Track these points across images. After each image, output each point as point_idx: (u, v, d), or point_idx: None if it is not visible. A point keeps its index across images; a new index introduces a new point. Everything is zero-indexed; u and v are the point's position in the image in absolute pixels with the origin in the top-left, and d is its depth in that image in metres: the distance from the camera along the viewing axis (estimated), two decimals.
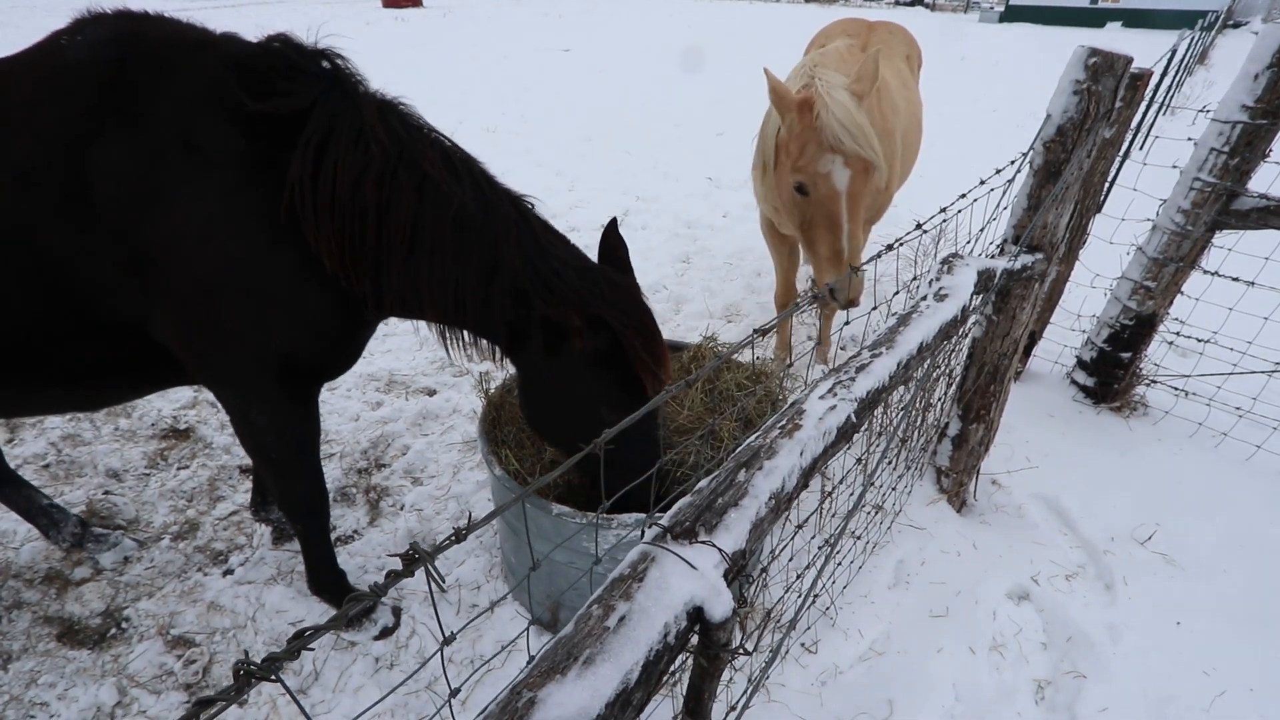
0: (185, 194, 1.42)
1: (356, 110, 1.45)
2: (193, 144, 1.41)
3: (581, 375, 1.59)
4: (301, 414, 1.81)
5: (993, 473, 2.73)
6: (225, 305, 1.51)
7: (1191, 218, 2.70)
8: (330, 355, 1.74)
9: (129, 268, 1.45)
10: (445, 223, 1.48)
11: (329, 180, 1.43)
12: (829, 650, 2.05)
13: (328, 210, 1.44)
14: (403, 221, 1.47)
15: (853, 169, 2.19)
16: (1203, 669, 2.02)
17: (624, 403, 1.60)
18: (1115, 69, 1.85)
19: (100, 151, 1.38)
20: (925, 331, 1.28)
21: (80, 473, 2.72)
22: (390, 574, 0.56)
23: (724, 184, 6.49)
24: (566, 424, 1.72)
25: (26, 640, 2.08)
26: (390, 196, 1.46)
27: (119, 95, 1.40)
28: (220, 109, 1.42)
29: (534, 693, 0.65)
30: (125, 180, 1.39)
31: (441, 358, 3.61)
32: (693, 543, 0.80)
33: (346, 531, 2.53)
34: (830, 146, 2.15)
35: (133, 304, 1.51)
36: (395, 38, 15.12)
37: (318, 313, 1.62)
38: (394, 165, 1.45)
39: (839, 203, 2.23)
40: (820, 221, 2.30)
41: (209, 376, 1.69)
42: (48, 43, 1.47)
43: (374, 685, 1.99)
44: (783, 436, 0.95)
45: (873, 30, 3.53)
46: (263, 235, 1.48)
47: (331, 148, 1.42)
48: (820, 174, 2.20)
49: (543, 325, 1.52)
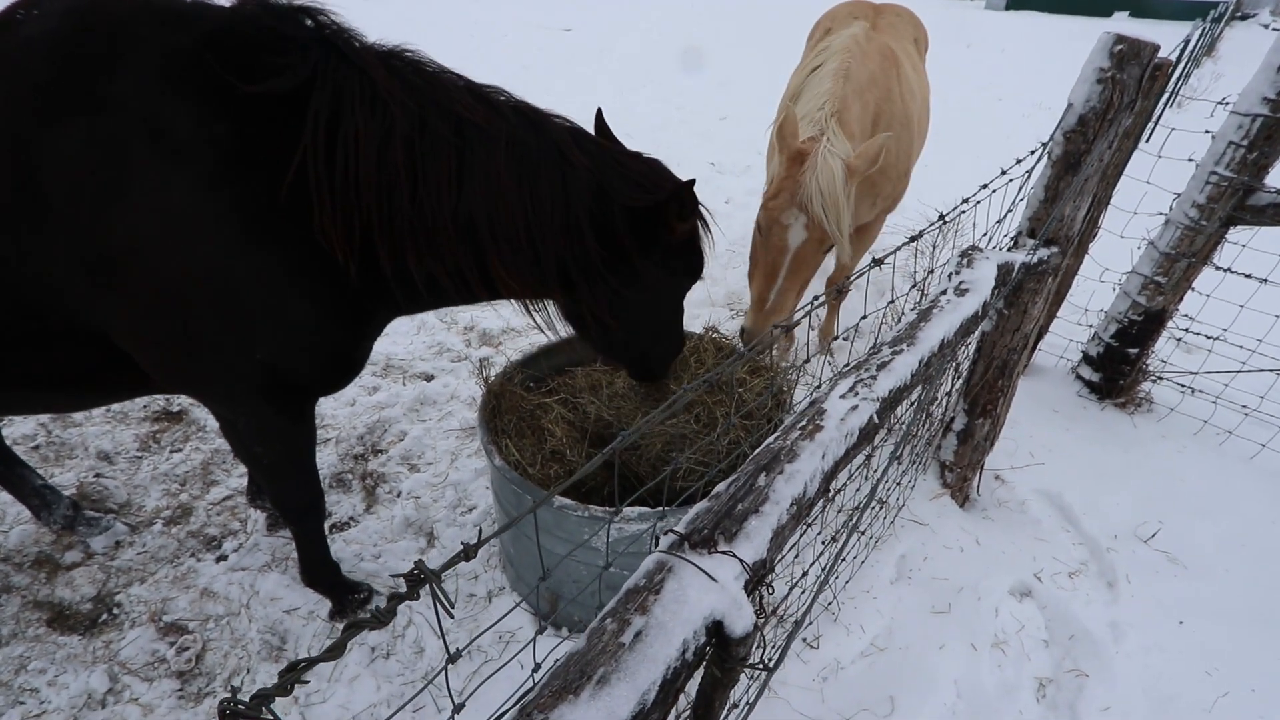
0: (150, 187, 1.24)
1: (363, 72, 1.29)
2: (160, 130, 1.23)
3: (669, 257, 1.60)
4: (292, 427, 1.67)
5: (996, 468, 2.71)
6: (197, 314, 1.35)
7: (1206, 212, 2.65)
8: (323, 368, 1.58)
9: (85, 270, 1.29)
10: (498, 156, 1.34)
11: (348, 154, 1.27)
12: (831, 646, 2.03)
13: (350, 190, 1.29)
14: (445, 172, 1.32)
15: (810, 234, 2.22)
16: (1205, 669, 2.01)
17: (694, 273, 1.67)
18: (1141, 57, 1.79)
19: (52, 138, 1.21)
20: (947, 327, 1.23)
21: (71, 454, 2.67)
22: (394, 596, 0.52)
23: (727, 169, 6.40)
24: (656, 328, 1.73)
25: (16, 625, 2.04)
26: (423, 154, 1.31)
27: (75, 74, 1.22)
28: (194, 91, 1.24)
29: (545, 714, 0.61)
30: (81, 171, 1.22)
31: (439, 342, 3.55)
32: (711, 552, 0.75)
33: (343, 518, 2.49)
34: (800, 204, 2.19)
35: (90, 310, 1.34)
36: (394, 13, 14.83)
37: (307, 322, 1.45)
38: (420, 119, 1.30)
39: (784, 256, 2.27)
40: (762, 265, 2.36)
41: (184, 388, 1.55)
42: (3, 18, 1.29)
43: (369, 675, 1.96)
44: (803, 438, 0.91)
45: (880, 13, 3.45)
46: (242, 235, 1.32)
47: (345, 119, 1.26)
48: (780, 223, 2.24)
49: (628, 217, 1.44)
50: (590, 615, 1.66)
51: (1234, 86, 2.55)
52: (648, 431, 2.15)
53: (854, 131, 2.41)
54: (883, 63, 2.73)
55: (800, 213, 2.19)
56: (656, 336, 1.79)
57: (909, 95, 2.82)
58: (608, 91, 9.26)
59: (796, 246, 2.24)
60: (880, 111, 2.66)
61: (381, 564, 2.31)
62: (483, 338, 3.64)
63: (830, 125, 2.29)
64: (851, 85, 2.47)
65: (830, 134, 2.26)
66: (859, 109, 2.50)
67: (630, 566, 0.93)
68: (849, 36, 2.73)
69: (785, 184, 2.20)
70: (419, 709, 1.87)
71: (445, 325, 3.71)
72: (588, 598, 1.96)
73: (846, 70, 2.48)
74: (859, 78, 2.53)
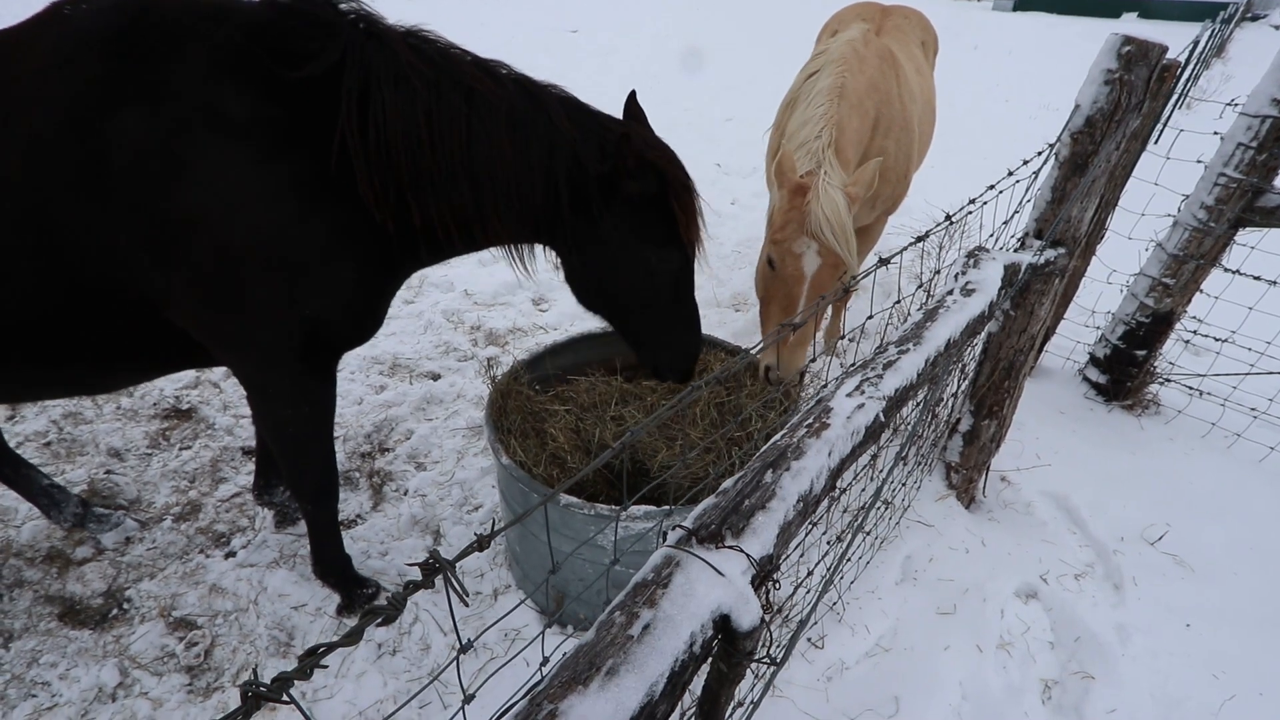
0: (211, 164, 1.39)
1: (389, 50, 1.43)
2: (217, 113, 1.38)
3: (630, 221, 1.66)
4: (320, 388, 1.79)
5: (1002, 469, 2.70)
6: (252, 277, 1.49)
7: (1215, 214, 2.64)
8: (356, 322, 1.73)
9: (147, 241, 1.42)
10: (499, 123, 1.51)
11: (378, 126, 1.42)
12: (835, 646, 2.04)
13: (382, 156, 1.44)
14: (458, 139, 1.48)
15: (824, 259, 2.25)
16: (1212, 672, 2.01)
17: (668, 246, 1.71)
18: (1149, 58, 1.79)
19: (116, 124, 1.34)
20: (953, 327, 1.24)
21: (82, 451, 2.69)
22: (409, 584, 0.53)
23: (732, 170, 6.40)
24: (622, 285, 1.77)
25: (28, 619, 2.06)
26: (441, 120, 1.47)
27: (132, 64, 1.35)
28: (244, 77, 1.39)
29: (555, 704, 0.62)
30: (144, 151, 1.35)
31: (446, 341, 3.57)
32: (719, 547, 0.76)
33: (350, 516, 2.51)
34: (810, 232, 2.21)
35: (149, 280, 1.47)
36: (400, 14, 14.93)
37: (349, 280, 1.61)
38: (437, 90, 1.46)
39: (801, 285, 2.28)
40: (778, 298, 2.36)
41: (229, 351, 1.66)
42: (50, 12, 1.41)
43: (376, 671, 1.98)
44: (810, 436, 0.92)
45: (887, 15, 3.45)
46: (295, 204, 1.47)
47: (375, 94, 1.41)
48: (792, 253, 2.26)
49: (597, 183, 1.59)
50: (596, 613, 1.67)
51: (1243, 88, 2.54)
52: (656, 438, 2.17)
53: (850, 158, 2.46)
54: (881, 66, 2.73)
55: (811, 240, 2.23)
56: (648, 316, 1.83)
57: (909, 99, 2.82)
58: (614, 93, 9.27)
59: (812, 274, 2.27)
60: (880, 116, 2.66)
61: (388, 561, 2.32)
62: (489, 337, 3.66)
63: (827, 157, 2.35)
64: (847, 102, 2.50)
65: (827, 166, 2.32)
66: (857, 122, 2.53)
67: (636, 565, 0.93)
68: (845, 42, 2.74)
69: (791, 215, 2.25)
70: (425, 705, 1.88)
71: (452, 325, 3.73)
72: (593, 595, 1.97)
73: (841, 87, 2.51)
74: (855, 90, 2.54)
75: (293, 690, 0.45)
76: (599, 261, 1.73)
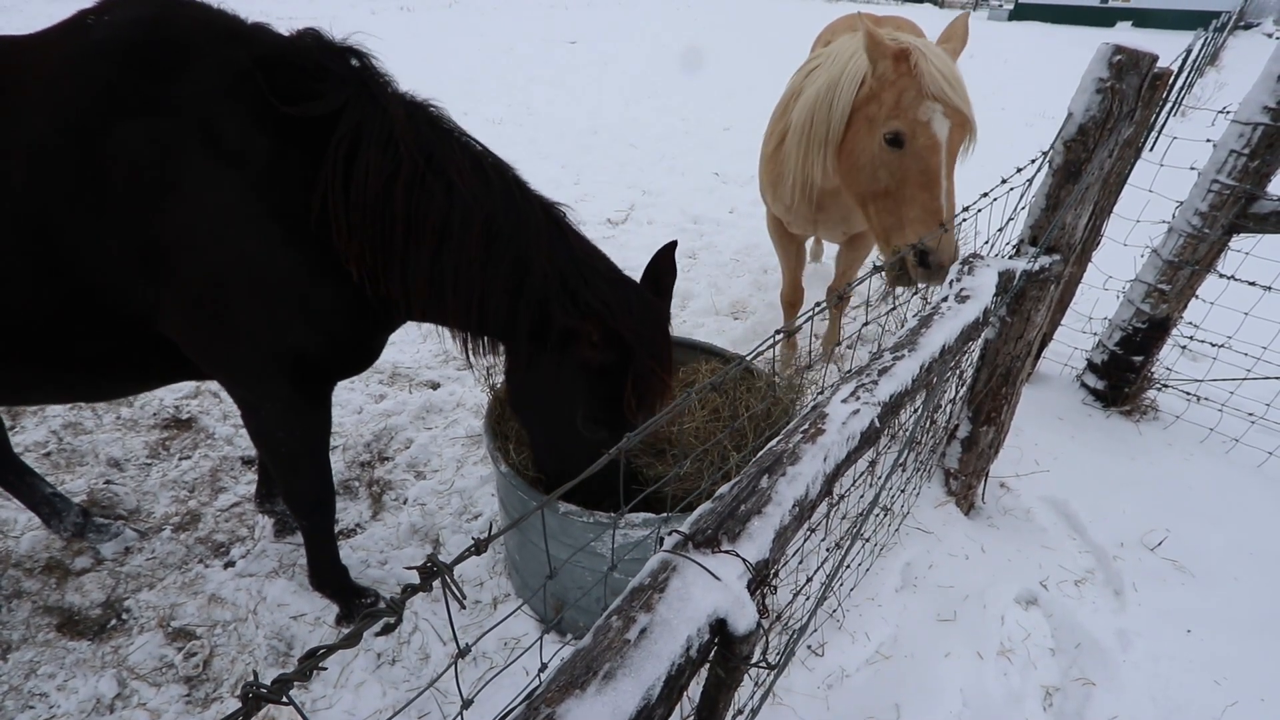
0: (202, 185, 1.38)
1: (385, 114, 1.43)
2: (214, 135, 1.38)
3: (573, 379, 1.62)
4: (313, 412, 1.78)
5: (1001, 475, 2.71)
6: (237, 301, 1.48)
7: (1209, 220, 2.66)
8: (345, 356, 1.71)
9: (138, 256, 1.42)
10: (474, 230, 1.47)
11: (359, 185, 1.41)
12: (835, 653, 2.03)
13: (359, 214, 1.43)
14: (431, 228, 1.45)
15: (952, 121, 2.07)
16: (1213, 678, 2.00)
17: (601, 419, 1.65)
18: (1140, 67, 1.81)
19: (120, 134, 1.34)
20: (948, 333, 1.25)
21: (81, 461, 2.70)
22: (407, 587, 0.54)
23: (731, 179, 6.44)
24: (548, 419, 1.74)
25: (26, 630, 2.06)
26: (419, 201, 1.44)
27: (140, 78, 1.36)
28: (245, 104, 1.39)
29: (552, 709, 0.62)
30: (140, 165, 1.36)
31: (445, 350, 3.58)
32: (715, 552, 0.77)
33: (349, 525, 2.50)
34: (931, 95, 2.03)
35: (140, 294, 1.47)
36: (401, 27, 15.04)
37: (333, 314, 1.59)
38: (423, 170, 1.44)
39: (939, 154, 2.07)
40: (914, 177, 2.11)
41: (218, 372, 1.66)
42: (73, 21, 1.43)
43: (375, 681, 1.97)
44: (805, 441, 0.92)
45: (880, 25, 3.47)
46: (280, 233, 1.46)
47: (361, 152, 1.41)
48: (920, 122, 2.05)
49: (558, 332, 1.53)
50: (594, 620, 1.67)
51: (1237, 95, 2.57)
52: (650, 450, 2.17)
53: None
54: None
55: (935, 103, 2.05)
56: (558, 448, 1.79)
57: None
58: (613, 103, 9.35)
59: (946, 139, 2.07)
60: None
61: (387, 570, 2.32)
62: None
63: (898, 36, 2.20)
64: None
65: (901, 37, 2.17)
66: None
67: (634, 572, 0.94)
68: (842, 44, 2.76)
69: (903, 83, 2.05)
70: (424, 715, 1.87)
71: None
72: (592, 603, 1.97)
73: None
74: None
75: (292, 694, 0.45)
76: (537, 386, 1.70)
